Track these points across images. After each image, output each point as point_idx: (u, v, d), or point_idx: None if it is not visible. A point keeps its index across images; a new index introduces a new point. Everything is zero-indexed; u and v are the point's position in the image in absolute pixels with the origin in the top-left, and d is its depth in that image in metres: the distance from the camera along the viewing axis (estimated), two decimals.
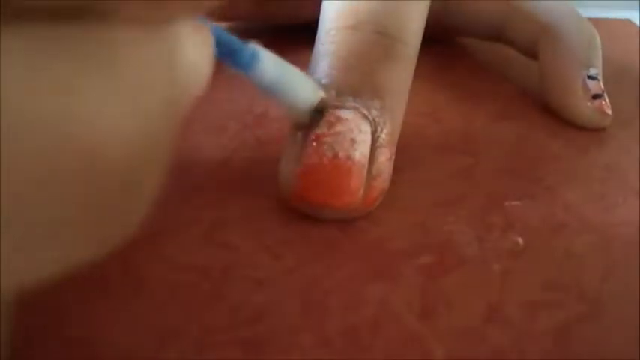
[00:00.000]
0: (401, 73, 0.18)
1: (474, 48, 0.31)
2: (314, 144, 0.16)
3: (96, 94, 0.08)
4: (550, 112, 0.24)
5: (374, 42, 0.18)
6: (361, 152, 0.16)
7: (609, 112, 0.23)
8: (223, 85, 0.25)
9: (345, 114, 0.17)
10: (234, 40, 0.15)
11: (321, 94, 0.17)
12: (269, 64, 0.15)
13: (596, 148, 0.22)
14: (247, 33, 0.31)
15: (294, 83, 0.16)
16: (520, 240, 0.17)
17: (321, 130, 0.17)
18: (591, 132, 0.23)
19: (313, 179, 0.16)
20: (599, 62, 0.24)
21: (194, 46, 0.11)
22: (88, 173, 0.08)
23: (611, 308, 0.15)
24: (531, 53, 0.26)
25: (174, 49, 0.10)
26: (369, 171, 0.17)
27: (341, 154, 0.16)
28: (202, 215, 0.17)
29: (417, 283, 0.15)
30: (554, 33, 0.24)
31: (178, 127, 0.10)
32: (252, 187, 0.18)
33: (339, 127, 0.17)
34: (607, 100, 0.23)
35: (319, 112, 0.17)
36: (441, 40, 0.31)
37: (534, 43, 0.25)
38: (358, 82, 0.17)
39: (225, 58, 0.14)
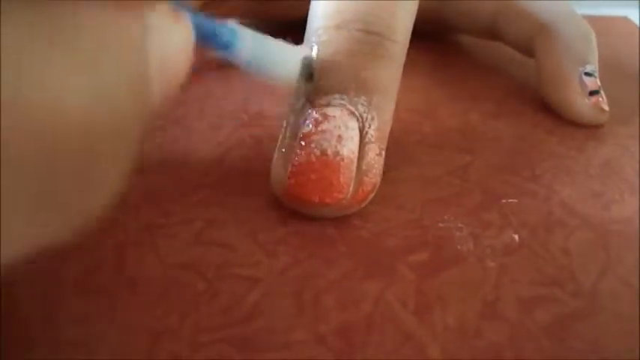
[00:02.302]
0: (388, 70, 0.18)
1: (470, 46, 0.31)
2: (302, 143, 0.17)
3: (56, 68, 0.08)
4: (547, 109, 0.24)
5: (360, 40, 0.18)
6: (349, 148, 0.16)
7: (606, 108, 0.23)
8: (218, 83, 0.25)
9: (331, 111, 0.17)
10: (211, 22, 0.14)
11: (305, 56, 0.17)
12: (248, 39, 0.15)
13: (594, 144, 0.22)
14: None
15: (276, 54, 0.16)
16: (516, 237, 0.17)
17: (308, 128, 0.17)
18: (588, 129, 0.23)
19: (303, 177, 0.16)
20: (595, 59, 0.24)
21: (171, 32, 0.11)
22: (47, 144, 0.08)
23: (607, 305, 0.15)
24: (527, 51, 0.26)
25: (145, 31, 0.10)
26: (359, 167, 0.17)
27: (329, 151, 0.16)
28: (196, 213, 0.17)
29: (412, 281, 0.15)
30: (550, 30, 0.24)
31: (151, 106, 0.10)
32: (247, 186, 0.18)
33: (325, 125, 0.17)
34: (604, 96, 0.23)
35: (307, 73, 0.17)
36: (437, 38, 0.31)
37: (530, 40, 0.25)
38: (344, 79, 0.17)
39: (205, 40, 0.14)
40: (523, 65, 0.27)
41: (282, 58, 0.16)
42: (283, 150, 0.17)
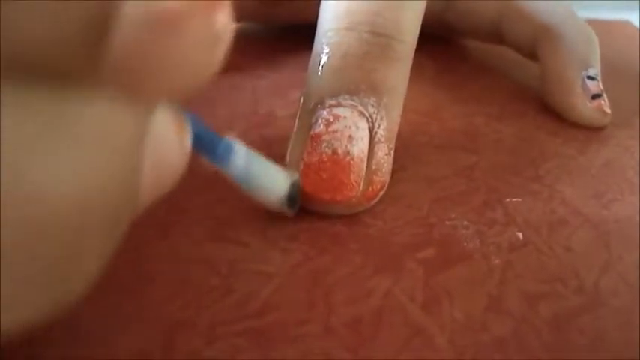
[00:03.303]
0: (397, 71, 0.18)
1: (474, 50, 0.31)
2: (313, 143, 0.17)
3: (52, 159, 0.08)
4: (549, 111, 0.24)
5: (370, 41, 0.18)
6: (359, 148, 0.17)
7: (608, 111, 0.23)
8: (228, 84, 0.25)
9: (342, 112, 0.17)
10: (209, 132, 0.15)
11: (292, 182, 0.17)
12: (242, 158, 0.15)
13: (596, 146, 0.22)
14: (252, 34, 0.32)
15: (266, 176, 0.16)
16: (520, 235, 0.17)
17: (320, 128, 0.17)
18: (590, 130, 0.23)
19: (315, 176, 0.17)
20: (597, 62, 0.24)
21: (170, 136, 0.11)
22: (36, 234, 0.08)
23: (608, 301, 0.15)
24: (530, 53, 0.26)
25: (146, 130, 0.10)
26: (369, 166, 0.17)
27: (339, 151, 0.17)
28: (211, 211, 0.18)
29: (420, 276, 0.16)
30: (553, 34, 0.25)
31: (137, 202, 0.10)
32: None
33: (336, 125, 0.17)
34: (606, 99, 0.23)
35: (292, 199, 0.17)
36: (442, 41, 0.31)
37: (533, 43, 0.26)
38: (355, 80, 0.18)
39: (201, 149, 0.15)
40: (526, 68, 0.28)
41: (270, 181, 0.16)
42: (294, 151, 0.18)
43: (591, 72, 0.24)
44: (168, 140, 0.11)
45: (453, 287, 0.15)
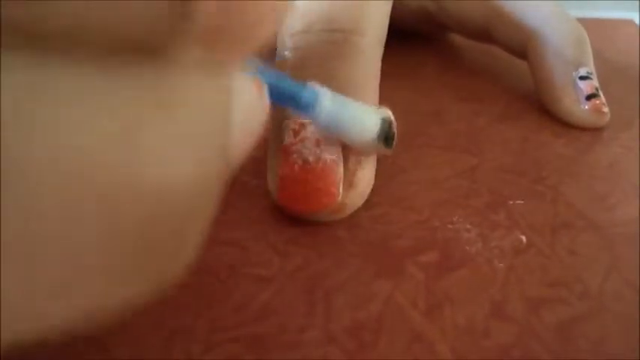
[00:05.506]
0: (360, 65, 0.18)
1: (477, 49, 0.31)
2: (285, 155, 0.17)
3: (158, 140, 0.08)
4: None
5: (326, 40, 0.18)
6: (330, 151, 0.16)
7: (606, 110, 0.23)
8: None
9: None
10: (291, 84, 0.14)
11: (383, 118, 0.16)
12: (328, 102, 0.15)
13: (599, 147, 0.22)
14: None
15: (355, 117, 0.16)
16: (524, 238, 0.17)
17: (288, 140, 0.17)
18: (593, 132, 0.23)
19: (290, 189, 0.16)
20: (589, 60, 0.23)
21: (250, 95, 0.10)
22: (145, 217, 0.08)
23: (613, 306, 0.15)
24: (520, 55, 0.26)
25: (229, 95, 0.09)
26: (346, 167, 0.17)
27: (311, 159, 0.16)
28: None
29: (422, 281, 0.15)
30: (540, 37, 0.24)
31: (228, 173, 0.10)
32: (259, 187, 0.19)
33: (303, 134, 0.17)
34: (602, 98, 0.23)
35: (386, 136, 0.16)
36: (443, 40, 0.31)
37: (521, 46, 0.25)
38: (317, 83, 0.17)
39: (285, 102, 0.14)
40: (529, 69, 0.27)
41: (360, 121, 0.16)
42: (272, 163, 0.17)
43: (583, 72, 0.23)
44: (249, 99, 0.10)
45: (455, 292, 0.15)
